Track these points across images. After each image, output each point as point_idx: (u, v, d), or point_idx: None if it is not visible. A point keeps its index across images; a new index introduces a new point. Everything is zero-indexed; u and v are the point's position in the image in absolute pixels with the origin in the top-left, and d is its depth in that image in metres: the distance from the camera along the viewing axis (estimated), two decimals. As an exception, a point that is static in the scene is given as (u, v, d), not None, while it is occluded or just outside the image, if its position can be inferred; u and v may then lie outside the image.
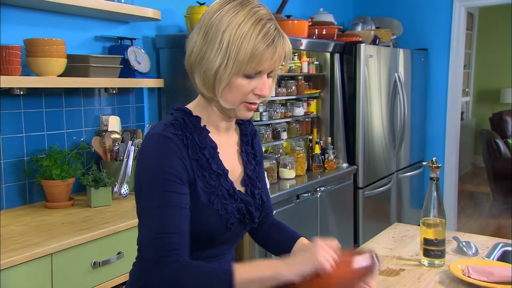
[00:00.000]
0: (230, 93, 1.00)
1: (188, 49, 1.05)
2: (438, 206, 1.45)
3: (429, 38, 4.26)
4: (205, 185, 1.02)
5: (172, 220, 0.95)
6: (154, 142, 0.98)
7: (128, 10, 2.27)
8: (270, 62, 0.99)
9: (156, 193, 0.96)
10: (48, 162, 2.05)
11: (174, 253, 0.93)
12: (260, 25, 0.97)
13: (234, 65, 0.97)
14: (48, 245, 1.59)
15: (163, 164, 0.97)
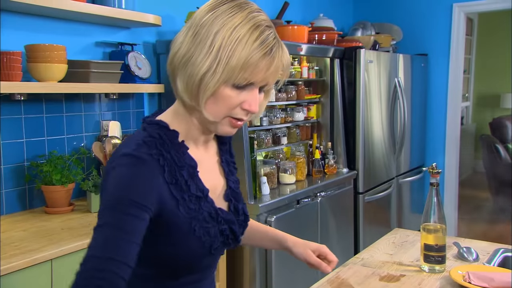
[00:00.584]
0: (215, 104, 0.87)
1: (172, 49, 0.90)
2: (438, 211, 1.45)
3: (429, 43, 4.27)
4: (185, 209, 0.90)
5: (127, 249, 0.80)
6: (125, 164, 0.85)
7: (129, 16, 2.28)
8: (264, 74, 0.87)
9: (119, 217, 0.81)
10: (48, 167, 2.05)
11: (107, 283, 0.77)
12: (258, 31, 0.86)
13: (224, 71, 0.84)
14: (48, 250, 1.59)
15: (130, 189, 0.83)
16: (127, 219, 0.81)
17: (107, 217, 0.82)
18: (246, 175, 2.50)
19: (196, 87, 0.87)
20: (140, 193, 0.83)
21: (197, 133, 0.96)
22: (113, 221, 0.81)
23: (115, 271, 0.78)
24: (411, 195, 4.11)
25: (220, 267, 2.39)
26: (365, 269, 1.49)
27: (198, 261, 0.93)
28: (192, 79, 0.86)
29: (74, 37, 2.30)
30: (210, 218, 0.94)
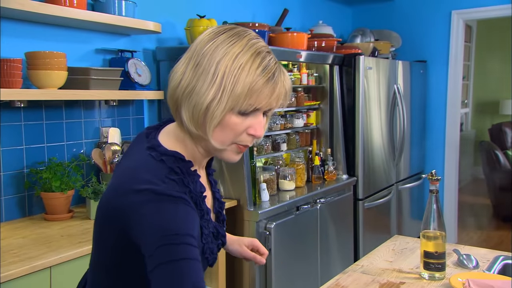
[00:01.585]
0: (222, 131, 0.88)
1: (173, 81, 0.90)
2: (438, 218, 1.45)
3: (427, 50, 4.28)
4: (205, 236, 0.93)
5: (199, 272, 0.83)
6: (170, 208, 0.83)
7: (130, 23, 2.29)
8: (269, 99, 0.88)
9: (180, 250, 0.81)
10: (47, 174, 2.05)
11: None
12: (259, 57, 0.87)
13: (229, 99, 0.85)
14: (47, 258, 1.59)
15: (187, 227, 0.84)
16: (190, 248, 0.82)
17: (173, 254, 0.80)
18: (245, 182, 2.50)
19: (202, 116, 0.87)
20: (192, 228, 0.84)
21: (201, 159, 0.97)
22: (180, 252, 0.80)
23: None
24: (411, 201, 4.11)
25: (220, 273, 2.38)
26: (365, 276, 1.49)
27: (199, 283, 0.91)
28: (197, 109, 0.87)
29: (74, 44, 2.31)
30: (213, 237, 0.96)
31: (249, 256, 1.23)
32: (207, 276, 2.40)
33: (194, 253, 0.82)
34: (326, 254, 2.98)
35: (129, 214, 0.84)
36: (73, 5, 2.06)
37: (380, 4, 4.46)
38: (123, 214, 0.85)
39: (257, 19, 3.42)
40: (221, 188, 2.56)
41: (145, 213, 0.83)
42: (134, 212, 0.84)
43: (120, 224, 0.86)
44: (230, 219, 2.48)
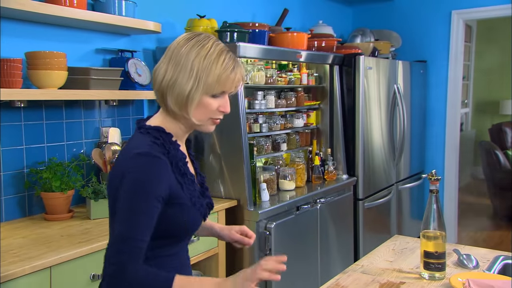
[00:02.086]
0: (199, 111, 1.18)
1: (158, 76, 1.20)
2: (438, 218, 1.45)
3: (428, 50, 4.28)
4: (187, 190, 1.19)
5: (142, 228, 1.09)
6: (146, 159, 1.12)
7: (130, 23, 2.29)
8: (231, 84, 1.20)
9: (141, 203, 1.10)
10: (47, 174, 2.05)
11: (136, 258, 1.08)
12: (223, 55, 1.18)
13: (203, 87, 1.16)
14: (47, 258, 1.59)
15: (151, 182, 1.11)
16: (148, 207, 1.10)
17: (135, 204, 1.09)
18: (245, 182, 2.50)
19: (184, 101, 1.17)
20: (157, 186, 1.11)
21: (182, 133, 1.26)
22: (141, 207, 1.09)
23: (143, 246, 1.09)
24: (411, 201, 4.11)
25: (220, 272, 2.38)
26: (365, 276, 1.49)
27: (196, 226, 1.24)
28: (180, 96, 1.17)
29: (74, 44, 2.31)
30: (200, 195, 1.26)
31: (237, 238, 1.43)
32: (207, 273, 2.40)
33: (148, 211, 1.09)
34: (326, 254, 2.98)
35: (122, 175, 1.12)
36: (73, 5, 2.06)
37: (380, 4, 4.46)
38: (120, 177, 1.12)
39: (257, 19, 3.42)
40: (221, 188, 2.56)
41: (129, 168, 1.12)
42: (124, 171, 1.12)
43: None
44: (230, 219, 2.48)
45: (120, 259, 1.06)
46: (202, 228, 1.45)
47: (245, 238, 1.43)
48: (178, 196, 1.16)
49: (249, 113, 2.80)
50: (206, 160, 2.59)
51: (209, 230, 1.47)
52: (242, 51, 2.46)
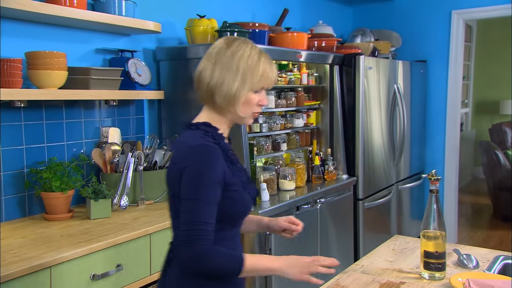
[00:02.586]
0: (245, 106, 1.32)
1: (205, 78, 1.31)
2: (438, 218, 1.45)
3: (428, 50, 4.28)
4: (237, 177, 1.31)
5: (209, 213, 1.22)
6: (202, 150, 1.24)
7: (130, 23, 2.29)
8: (270, 81, 1.34)
9: (206, 191, 1.22)
10: (48, 174, 2.05)
11: (205, 238, 1.19)
12: (262, 56, 1.32)
13: (249, 85, 1.30)
14: (47, 257, 1.59)
15: (209, 169, 1.23)
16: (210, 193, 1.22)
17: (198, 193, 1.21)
18: (245, 182, 2.49)
19: (233, 99, 1.30)
20: (214, 172, 1.23)
21: (226, 127, 1.37)
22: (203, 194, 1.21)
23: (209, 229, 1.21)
24: (411, 201, 4.11)
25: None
26: (365, 276, 1.49)
27: (248, 210, 1.36)
28: (229, 95, 1.29)
29: (74, 44, 2.31)
30: (249, 181, 1.38)
31: (285, 226, 1.53)
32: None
33: (210, 196, 1.21)
34: (326, 254, 2.98)
35: (181, 169, 1.23)
36: (73, 5, 2.06)
37: (380, 4, 4.46)
38: (180, 171, 1.24)
39: (257, 19, 3.42)
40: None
41: (186, 161, 1.24)
42: (182, 165, 1.23)
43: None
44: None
45: (193, 244, 1.19)
46: (250, 223, 1.53)
47: (292, 226, 1.53)
48: (231, 183, 1.28)
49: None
50: (206, 160, 2.59)
51: (257, 224, 1.55)
52: (242, 51, 2.46)
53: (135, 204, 2.31)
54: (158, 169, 2.42)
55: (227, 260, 1.23)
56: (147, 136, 2.59)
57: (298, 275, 1.27)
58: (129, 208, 2.25)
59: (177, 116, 2.69)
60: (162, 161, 2.46)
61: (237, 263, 1.22)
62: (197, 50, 2.59)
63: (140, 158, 2.34)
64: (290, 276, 1.27)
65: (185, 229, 1.20)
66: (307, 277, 1.27)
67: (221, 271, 1.24)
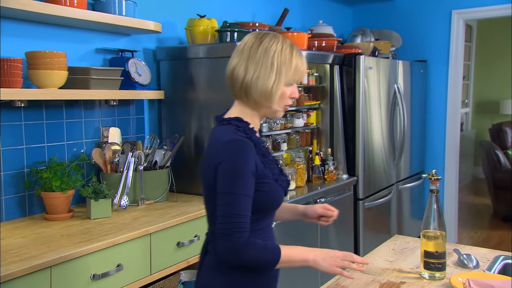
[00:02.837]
0: (280, 99, 1.35)
1: (239, 75, 1.33)
2: (438, 218, 1.45)
3: (428, 50, 4.28)
4: (269, 169, 1.34)
5: (245, 205, 1.25)
6: (235, 145, 1.27)
7: (130, 23, 2.29)
8: (302, 74, 1.37)
9: (238, 184, 1.24)
10: (48, 174, 2.05)
11: (241, 231, 1.23)
12: (294, 49, 1.34)
13: (284, 79, 1.32)
14: (47, 257, 1.59)
15: (243, 163, 1.26)
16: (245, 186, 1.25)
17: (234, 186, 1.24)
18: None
19: (269, 94, 1.32)
20: (247, 165, 1.26)
21: (257, 122, 1.40)
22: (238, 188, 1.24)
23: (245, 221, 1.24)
24: (411, 201, 4.11)
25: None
26: (365, 276, 1.49)
27: (280, 201, 1.38)
28: (265, 90, 1.31)
29: (74, 44, 2.31)
30: (281, 174, 1.39)
31: (321, 212, 1.55)
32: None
33: (246, 189, 1.25)
34: (326, 254, 2.97)
35: (216, 164, 1.26)
36: (74, 4, 2.06)
37: (380, 4, 4.46)
38: (214, 166, 1.27)
39: (257, 18, 3.42)
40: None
41: (221, 156, 1.26)
42: (217, 160, 1.27)
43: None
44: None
45: (231, 237, 1.22)
46: (285, 212, 1.57)
47: (328, 211, 1.55)
48: (263, 175, 1.31)
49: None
50: (206, 160, 2.59)
51: (292, 212, 1.58)
52: (242, 51, 2.46)
53: (135, 204, 2.31)
54: (158, 169, 2.42)
55: (264, 252, 1.25)
56: (147, 136, 2.59)
57: (330, 268, 1.28)
58: (129, 208, 2.25)
59: (177, 116, 2.69)
60: (162, 161, 2.46)
61: (274, 255, 1.25)
62: (197, 50, 2.59)
63: (140, 158, 2.34)
64: (323, 268, 1.28)
65: (222, 221, 1.23)
66: (340, 270, 1.28)
67: (258, 263, 1.27)
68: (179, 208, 2.28)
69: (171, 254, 2.08)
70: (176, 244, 2.10)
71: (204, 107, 2.58)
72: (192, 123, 2.63)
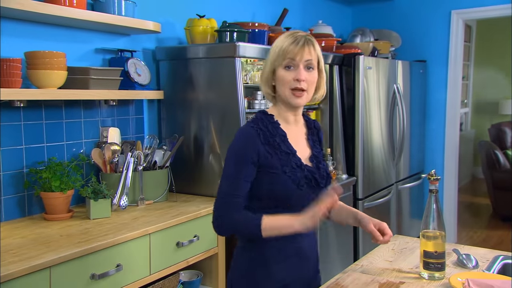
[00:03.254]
0: (279, 84, 1.41)
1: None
2: (437, 218, 1.45)
3: (427, 50, 4.28)
4: (278, 160, 1.40)
5: (236, 187, 1.37)
6: (240, 133, 1.42)
7: (129, 23, 2.29)
8: (296, 54, 1.38)
9: (236, 168, 1.38)
10: (47, 174, 2.05)
11: (227, 207, 1.37)
12: (290, 35, 1.41)
13: (270, 62, 1.41)
14: (47, 257, 1.59)
15: (242, 149, 1.38)
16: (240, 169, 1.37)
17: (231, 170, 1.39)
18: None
19: (264, 78, 1.45)
20: (246, 151, 1.38)
21: (285, 113, 1.47)
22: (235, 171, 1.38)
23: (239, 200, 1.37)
24: (411, 201, 4.11)
25: (220, 269, 2.38)
26: (364, 276, 1.49)
27: (290, 194, 1.40)
28: (264, 77, 1.45)
29: (74, 44, 2.31)
30: (297, 167, 1.42)
31: (369, 230, 1.46)
32: (207, 276, 2.40)
33: (239, 173, 1.36)
34: (325, 254, 2.98)
35: None
36: (73, 4, 2.06)
37: (379, 4, 4.46)
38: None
39: (257, 18, 3.42)
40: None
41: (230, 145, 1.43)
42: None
43: None
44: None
45: (219, 209, 1.38)
46: (347, 215, 1.55)
47: (376, 233, 1.44)
48: (268, 164, 1.38)
49: (249, 113, 2.79)
50: (206, 160, 2.59)
51: (353, 217, 1.53)
52: (242, 51, 2.46)
53: (135, 204, 2.31)
54: (157, 169, 2.42)
55: (246, 224, 1.36)
56: (147, 136, 2.59)
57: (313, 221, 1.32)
58: (129, 208, 2.25)
59: (176, 116, 2.69)
60: (162, 161, 2.46)
61: (255, 225, 1.34)
62: (196, 50, 2.59)
63: (139, 158, 2.34)
64: (310, 224, 1.32)
65: (218, 198, 1.39)
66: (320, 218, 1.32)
67: (245, 234, 1.41)
68: (179, 208, 2.28)
69: (170, 254, 2.08)
70: (175, 244, 2.10)
71: (204, 107, 2.58)
72: (192, 123, 2.63)
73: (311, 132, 1.56)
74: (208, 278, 2.41)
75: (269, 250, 1.42)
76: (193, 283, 2.34)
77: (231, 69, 2.46)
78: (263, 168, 1.38)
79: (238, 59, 2.45)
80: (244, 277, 1.47)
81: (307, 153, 1.49)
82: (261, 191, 1.40)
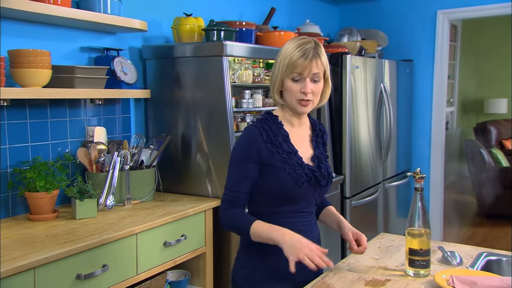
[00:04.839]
0: (286, 94, 1.48)
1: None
2: (423, 216, 1.46)
3: (414, 49, 4.32)
4: (279, 157, 1.46)
5: (237, 183, 1.46)
6: (243, 133, 1.51)
7: (115, 21, 2.27)
8: (304, 69, 1.43)
9: (236, 165, 1.47)
10: (32, 173, 2.02)
11: (227, 202, 1.48)
12: (300, 46, 1.43)
13: (280, 72, 1.45)
14: (31, 258, 1.57)
15: (243, 147, 1.47)
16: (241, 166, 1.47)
17: (234, 167, 1.48)
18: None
19: (272, 88, 1.51)
20: (247, 149, 1.46)
21: (289, 117, 1.54)
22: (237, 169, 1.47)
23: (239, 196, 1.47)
24: (397, 199, 4.15)
25: (207, 269, 2.38)
26: (351, 274, 1.50)
27: (289, 191, 1.46)
28: (272, 86, 1.51)
29: (58, 42, 2.28)
30: (298, 165, 1.48)
31: (347, 239, 1.55)
32: (194, 275, 2.40)
33: (240, 170, 1.46)
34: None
35: None
36: (58, 2, 2.03)
37: (367, 4, 4.48)
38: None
39: (244, 17, 3.42)
40: (208, 187, 2.54)
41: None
42: None
43: None
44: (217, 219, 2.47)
45: (221, 204, 1.50)
46: (332, 221, 1.64)
47: (353, 242, 1.53)
48: (269, 162, 1.45)
49: (237, 112, 2.80)
50: (194, 159, 2.58)
51: (337, 224, 1.62)
52: (229, 50, 2.46)
53: (121, 204, 2.29)
54: (144, 168, 2.40)
55: (238, 223, 1.45)
56: (133, 135, 2.57)
57: (291, 256, 1.34)
58: (115, 208, 2.23)
59: (163, 115, 2.67)
60: (149, 160, 2.44)
61: (245, 227, 1.42)
62: (183, 49, 2.58)
63: (126, 157, 2.33)
64: (285, 252, 1.35)
65: (223, 193, 1.50)
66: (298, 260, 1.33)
67: (238, 231, 1.49)
68: (166, 207, 2.27)
69: (157, 254, 2.07)
70: (162, 244, 2.09)
71: (191, 106, 2.57)
72: (179, 122, 2.62)
73: (315, 134, 1.61)
74: (196, 277, 2.40)
75: (272, 249, 1.42)
76: (181, 283, 2.33)
77: (218, 68, 2.45)
78: (265, 165, 1.45)
79: (226, 58, 2.45)
80: (248, 277, 1.52)
81: (309, 153, 1.55)
82: (263, 188, 1.46)
